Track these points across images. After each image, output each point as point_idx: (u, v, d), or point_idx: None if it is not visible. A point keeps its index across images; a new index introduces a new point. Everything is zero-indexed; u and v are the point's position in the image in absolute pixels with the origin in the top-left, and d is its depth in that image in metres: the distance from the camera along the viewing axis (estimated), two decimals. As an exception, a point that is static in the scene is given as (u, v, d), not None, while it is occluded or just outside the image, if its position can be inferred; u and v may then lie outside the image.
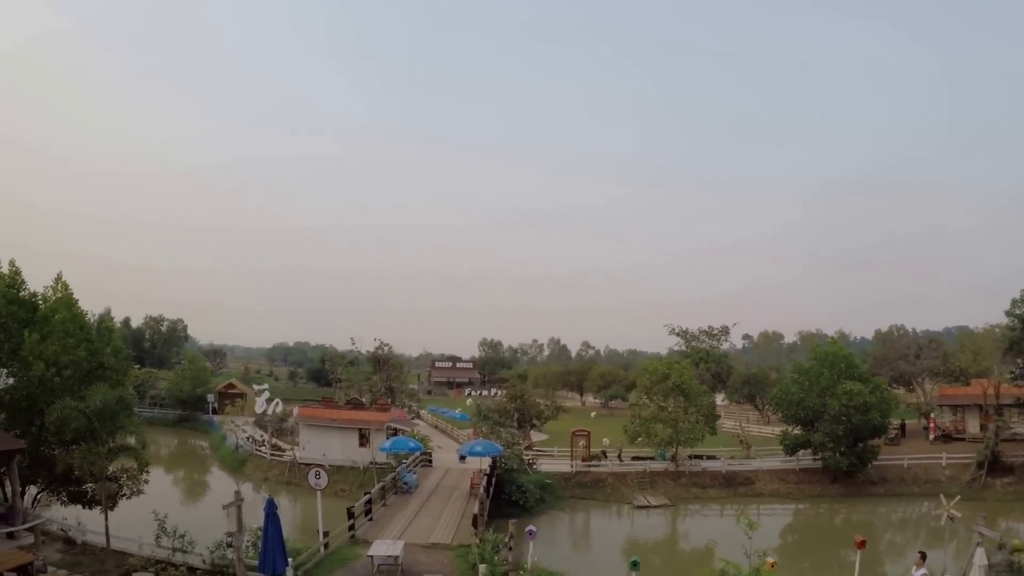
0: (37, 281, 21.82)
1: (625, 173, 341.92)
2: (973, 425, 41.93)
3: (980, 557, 11.91)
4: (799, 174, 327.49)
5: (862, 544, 18.19)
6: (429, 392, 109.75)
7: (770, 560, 15.79)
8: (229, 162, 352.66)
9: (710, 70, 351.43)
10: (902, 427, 43.67)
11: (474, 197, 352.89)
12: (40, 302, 20.60)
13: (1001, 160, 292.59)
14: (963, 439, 41.39)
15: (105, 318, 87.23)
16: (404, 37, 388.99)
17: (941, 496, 19.94)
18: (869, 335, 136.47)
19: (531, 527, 20.21)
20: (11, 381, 19.40)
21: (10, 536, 16.50)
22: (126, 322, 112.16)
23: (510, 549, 13.90)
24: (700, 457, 40.13)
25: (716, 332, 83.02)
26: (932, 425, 43.61)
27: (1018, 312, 38.38)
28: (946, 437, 42.35)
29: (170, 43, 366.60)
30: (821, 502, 34.82)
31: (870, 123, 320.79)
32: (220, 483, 40.85)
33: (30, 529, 16.79)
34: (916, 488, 35.00)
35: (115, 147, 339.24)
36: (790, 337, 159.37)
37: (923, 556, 14.26)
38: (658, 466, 38.56)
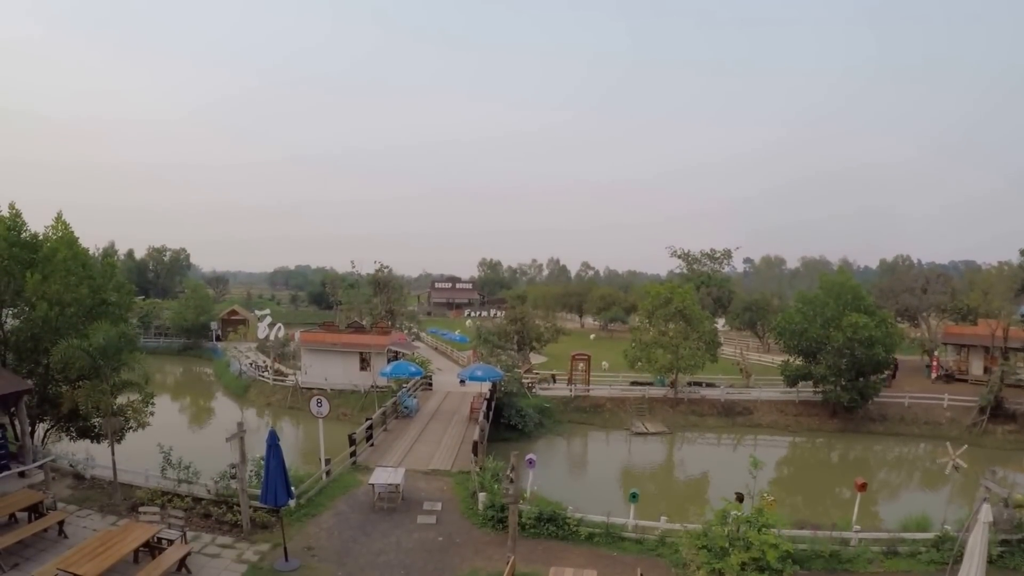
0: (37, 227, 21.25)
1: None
2: (977, 367, 40.96)
3: (986, 514, 11.48)
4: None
5: (863, 487, 18.10)
6: (429, 313, 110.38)
7: (770, 499, 15.75)
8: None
9: None
10: (895, 367, 40.60)
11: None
12: (42, 242, 20.04)
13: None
14: (965, 380, 40.58)
15: (109, 252, 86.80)
16: None
17: (948, 444, 19.63)
18: (874, 264, 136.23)
19: (531, 455, 20.16)
20: (16, 323, 19.15)
21: (22, 475, 16.51)
22: (130, 254, 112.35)
23: (511, 481, 13.67)
24: (699, 384, 40.23)
25: (718, 255, 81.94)
26: (935, 363, 42.68)
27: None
28: (948, 377, 41.53)
29: None
30: (818, 436, 34.77)
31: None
32: (225, 409, 41.31)
33: (40, 467, 16.81)
34: (915, 428, 34.69)
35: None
36: (792, 263, 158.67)
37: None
38: (657, 392, 38.71)
